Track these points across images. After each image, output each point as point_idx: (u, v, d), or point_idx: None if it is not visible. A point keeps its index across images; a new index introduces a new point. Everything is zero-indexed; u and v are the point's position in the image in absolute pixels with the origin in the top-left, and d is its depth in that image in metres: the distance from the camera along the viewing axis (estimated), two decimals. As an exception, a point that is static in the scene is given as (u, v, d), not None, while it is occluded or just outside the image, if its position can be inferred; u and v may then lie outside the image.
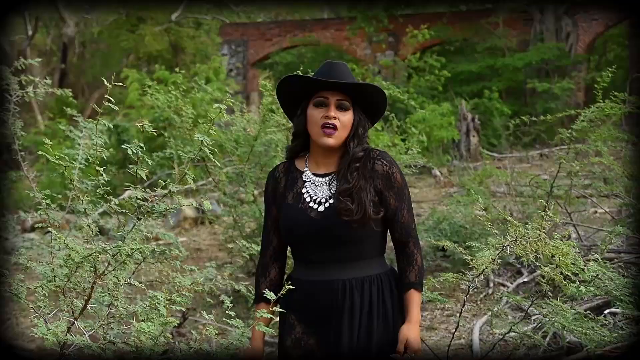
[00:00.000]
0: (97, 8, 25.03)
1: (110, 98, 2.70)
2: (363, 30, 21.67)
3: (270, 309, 2.71)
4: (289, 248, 2.94)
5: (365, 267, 2.78)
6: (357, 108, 2.76)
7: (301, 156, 2.87)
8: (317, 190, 2.78)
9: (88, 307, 2.74)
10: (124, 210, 3.08)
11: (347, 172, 2.73)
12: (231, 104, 2.88)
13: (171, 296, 2.63)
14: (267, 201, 2.90)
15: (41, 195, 3.14)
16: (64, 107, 3.86)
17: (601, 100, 5.60)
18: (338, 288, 2.72)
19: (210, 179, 6.83)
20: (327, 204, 2.73)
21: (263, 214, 2.98)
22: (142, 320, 2.58)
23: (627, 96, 5.48)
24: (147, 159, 2.71)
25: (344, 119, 2.71)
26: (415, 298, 2.78)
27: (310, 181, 2.79)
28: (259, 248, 5.45)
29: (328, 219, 2.71)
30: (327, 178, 2.79)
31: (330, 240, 2.72)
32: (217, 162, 2.88)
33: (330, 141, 2.71)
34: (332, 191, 2.76)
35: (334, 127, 2.69)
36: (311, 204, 2.75)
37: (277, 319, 2.86)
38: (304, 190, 2.78)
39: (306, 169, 2.82)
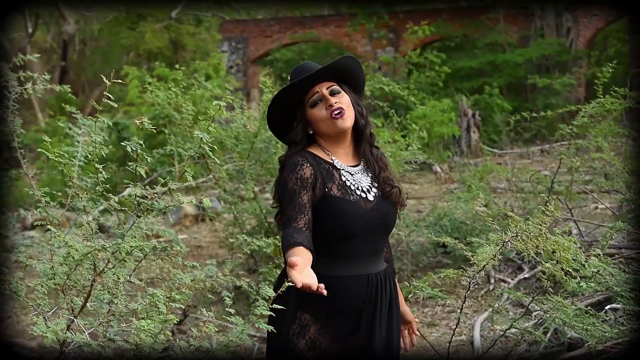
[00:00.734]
0: (97, 5, 25.01)
1: (110, 95, 2.69)
2: (363, 27, 21.67)
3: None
4: None
5: (382, 260, 2.83)
6: (345, 88, 2.78)
7: (315, 148, 2.78)
8: (356, 179, 2.74)
9: (88, 304, 2.74)
10: (123, 208, 3.07)
11: (372, 158, 2.81)
12: (231, 101, 2.87)
13: (171, 294, 2.62)
14: (303, 182, 2.63)
15: (41, 193, 3.13)
16: (64, 105, 3.85)
17: (601, 96, 5.59)
18: (370, 282, 2.70)
19: (211, 176, 6.82)
20: (373, 193, 2.74)
21: (294, 196, 2.60)
22: (142, 318, 2.58)
23: (627, 91, 5.47)
24: (146, 157, 2.71)
25: (343, 100, 2.72)
26: (397, 284, 2.95)
27: (345, 170, 2.74)
28: (259, 243, 5.47)
29: (381, 207, 2.73)
30: (358, 167, 2.79)
31: (380, 230, 2.74)
32: (217, 160, 2.86)
33: (347, 122, 2.70)
34: (370, 180, 2.77)
35: (341, 110, 2.69)
36: (360, 193, 2.71)
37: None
38: (345, 180, 2.71)
39: (334, 158, 2.75)
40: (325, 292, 2.22)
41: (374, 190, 2.75)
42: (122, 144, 2.68)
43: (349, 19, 22.24)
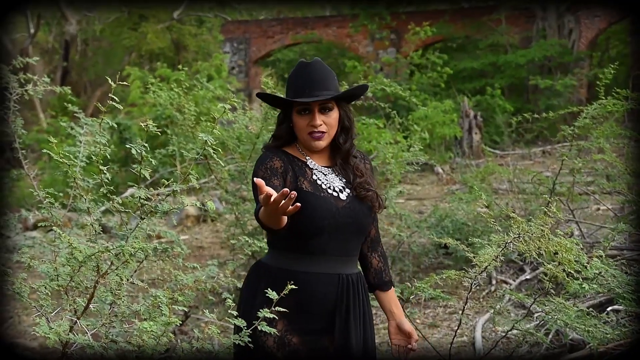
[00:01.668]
0: (99, 6, 25.04)
1: (114, 97, 2.69)
2: (365, 28, 21.69)
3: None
4: None
5: (355, 263, 2.82)
6: (340, 103, 2.76)
7: (290, 147, 2.80)
8: (329, 179, 2.75)
9: (90, 306, 2.75)
10: (126, 210, 3.08)
11: (346, 166, 2.78)
12: (235, 103, 2.87)
13: (174, 295, 2.63)
14: (273, 171, 2.65)
15: (44, 193, 3.14)
16: (66, 104, 3.85)
17: (603, 97, 5.59)
18: (343, 282, 2.70)
19: (213, 177, 6.82)
20: (345, 193, 2.74)
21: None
22: (145, 319, 2.58)
23: (629, 93, 5.47)
24: (150, 159, 2.71)
25: (330, 121, 2.70)
26: (395, 295, 2.92)
27: (317, 169, 2.75)
28: (261, 244, 5.48)
29: (353, 207, 2.72)
30: (330, 169, 2.78)
31: (351, 230, 2.71)
32: (219, 161, 2.86)
33: (321, 144, 2.72)
34: (342, 182, 2.76)
35: (322, 134, 2.69)
36: (331, 192, 2.71)
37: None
38: (316, 178, 2.72)
39: (307, 157, 2.77)
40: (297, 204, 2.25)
41: (347, 191, 2.75)
42: (126, 145, 2.68)
43: (351, 20, 22.26)
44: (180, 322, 5.51)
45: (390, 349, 2.86)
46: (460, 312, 4.56)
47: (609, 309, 4.79)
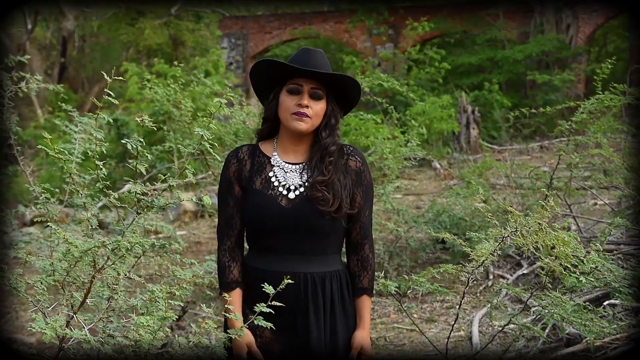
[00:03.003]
0: (96, 2, 24.97)
1: (110, 92, 2.69)
2: (363, 23, 21.68)
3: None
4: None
5: (327, 262, 2.75)
6: (330, 98, 2.74)
7: (268, 141, 2.82)
8: (287, 176, 2.73)
9: (87, 300, 2.75)
10: (123, 205, 3.08)
11: (320, 165, 2.71)
12: (231, 98, 2.87)
13: (171, 289, 2.63)
14: (228, 183, 2.77)
15: (40, 189, 3.14)
16: (61, 103, 3.85)
17: (601, 92, 5.60)
18: (300, 281, 2.68)
19: (210, 172, 6.82)
20: (297, 192, 2.71)
21: (222, 204, 2.80)
22: (142, 314, 2.58)
23: (627, 88, 5.48)
24: (146, 154, 2.71)
25: (317, 108, 2.69)
26: (367, 304, 2.81)
27: (279, 166, 2.75)
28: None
29: (300, 207, 2.68)
30: (297, 166, 2.75)
31: (300, 230, 2.68)
32: (216, 156, 2.86)
33: (302, 126, 2.67)
34: (303, 180, 2.73)
35: (306, 116, 2.67)
36: (281, 190, 2.71)
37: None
38: (271, 175, 2.73)
39: (274, 153, 2.77)
40: None
41: (301, 190, 2.71)
42: (123, 141, 2.68)
43: (349, 15, 22.23)
44: (177, 317, 5.51)
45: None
46: (458, 306, 4.57)
47: (605, 303, 4.80)
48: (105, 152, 2.93)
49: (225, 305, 2.58)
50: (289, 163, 2.76)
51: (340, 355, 2.72)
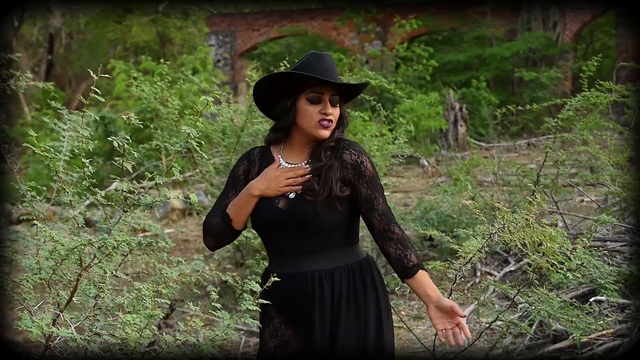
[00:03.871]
0: (83, -1, 24.86)
1: (97, 90, 2.68)
2: (351, 20, 21.68)
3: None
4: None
5: (336, 257, 2.75)
6: (342, 101, 2.80)
7: (277, 144, 2.86)
8: None
9: (74, 299, 2.74)
10: (110, 203, 3.07)
11: (320, 155, 2.74)
12: (218, 96, 2.87)
13: (158, 288, 2.63)
14: (235, 179, 2.86)
15: (26, 187, 3.12)
16: (49, 100, 3.83)
17: (587, 89, 5.62)
18: (307, 280, 2.70)
19: (197, 170, 6.80)
20: (295, 192, 2.73)
21: (224, 191, 2.87)
22: (129, 312, 2.58)
23: (613, 85, 5.50)
24: (133, 151, 2.70)
25: (336, 113, 2.75)
26: (427, 276, 2.76)
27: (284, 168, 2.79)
28: (247, 234, 5.49)
29: (293, 207, 2.70)
30: (299, 165, 2.78)
31: (298, 228, 2.70)
32: (203, 154, 2.87)
33: (327, 133, 2.73)
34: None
35: (331, 122, 2.72)
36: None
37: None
38: None
39: (279, 155, 2.81)
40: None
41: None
42: (109, 138, 2.68)
43: (337, 13, 22.23)
44: (164, 315, 5.50)
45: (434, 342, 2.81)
46: (445, 303, 4.58)
47: (591, 299, 4.83)
48: (92, 150, 2.92)
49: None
50: (292, 164, 2.79)
51: (339, 351, 2.71)
